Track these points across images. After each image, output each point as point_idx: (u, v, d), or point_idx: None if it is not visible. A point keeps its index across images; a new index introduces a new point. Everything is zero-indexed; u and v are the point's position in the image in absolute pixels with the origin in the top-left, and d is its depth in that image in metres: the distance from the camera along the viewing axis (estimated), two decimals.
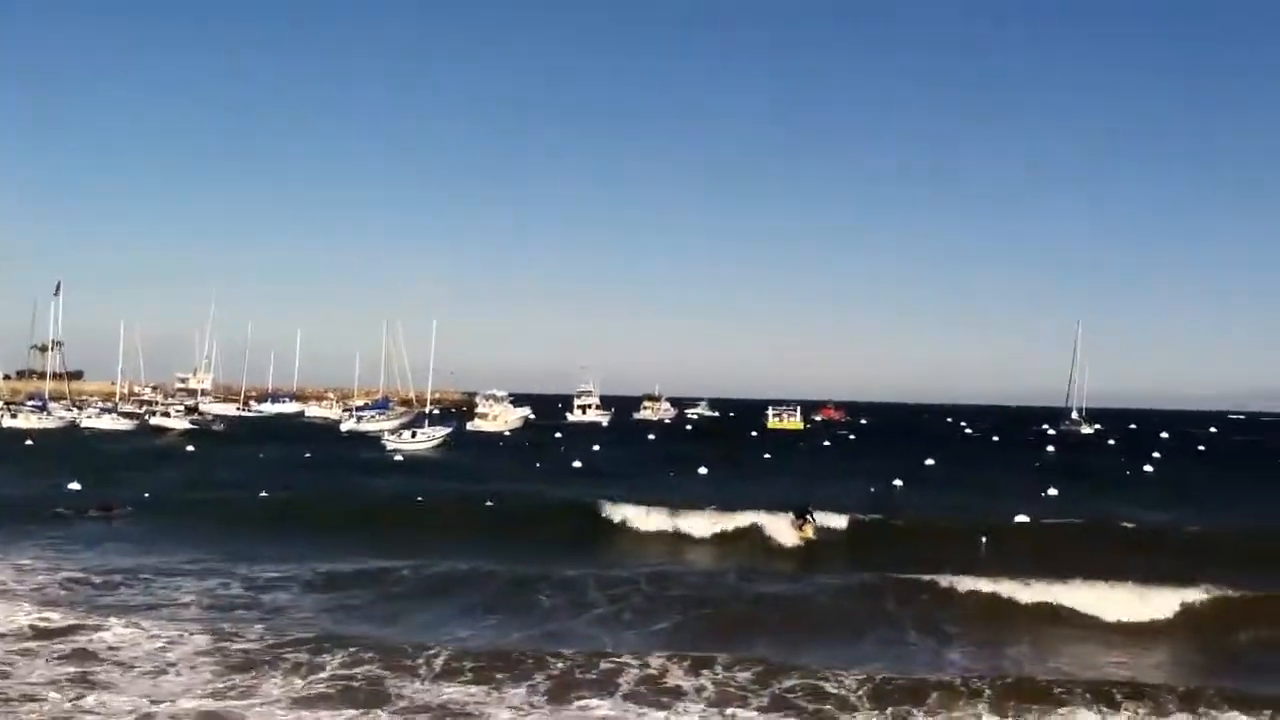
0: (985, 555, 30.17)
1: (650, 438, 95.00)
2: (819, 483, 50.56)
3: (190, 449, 67.71)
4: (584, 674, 16.90)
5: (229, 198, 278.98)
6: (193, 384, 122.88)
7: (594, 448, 74.02)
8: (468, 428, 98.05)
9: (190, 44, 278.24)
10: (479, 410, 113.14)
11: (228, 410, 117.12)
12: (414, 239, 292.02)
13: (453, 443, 79.21)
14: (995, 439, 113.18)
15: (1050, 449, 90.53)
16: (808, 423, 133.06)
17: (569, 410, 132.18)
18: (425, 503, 38.96)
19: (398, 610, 22.23)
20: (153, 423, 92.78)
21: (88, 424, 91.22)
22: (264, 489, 39.99)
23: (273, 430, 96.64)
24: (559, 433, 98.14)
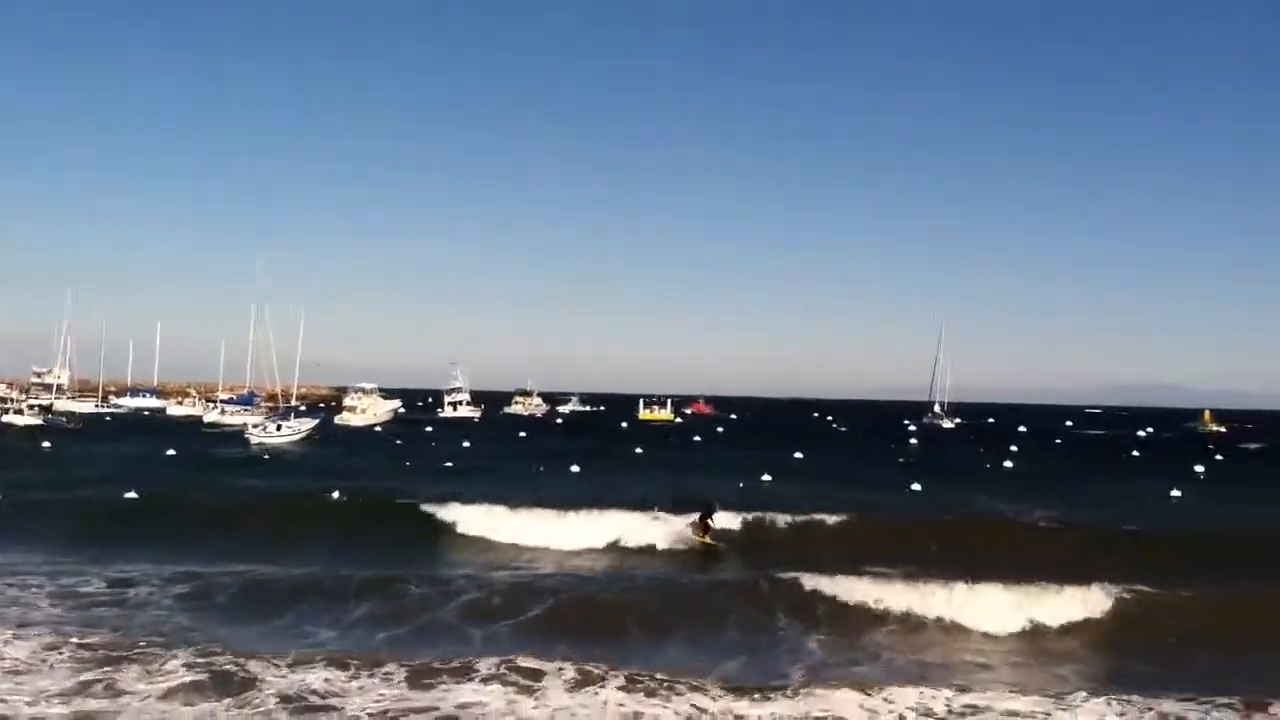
0: (850, 551, 30.42)
1: (522, 434, 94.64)
2: (690, 476, 51.10)
3: (46, 445, 65.33)
4: (443, 665, 17.09)
5: (90, 192, 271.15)
6: (49, 379, 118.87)
7: (465, 444, 73.44)
8: (335, 421, 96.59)
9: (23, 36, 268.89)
10: (347, 403, 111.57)
11: (85, 407, 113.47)
12: (284, 230, 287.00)
13: (318, 436, 77.93)
14: (862, 433, 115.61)
15: (914, 443, 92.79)
16: (678, 416, 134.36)
17: (440, 406, 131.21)
18: (287, 500, 38.03)
19: (253, 610, 21.96)
20: (3, 420, 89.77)
21: None
22: (122, 487, 38.70)
23: (133, 426, 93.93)
24: (430, 427, 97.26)
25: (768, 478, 50.49)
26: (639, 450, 74.64)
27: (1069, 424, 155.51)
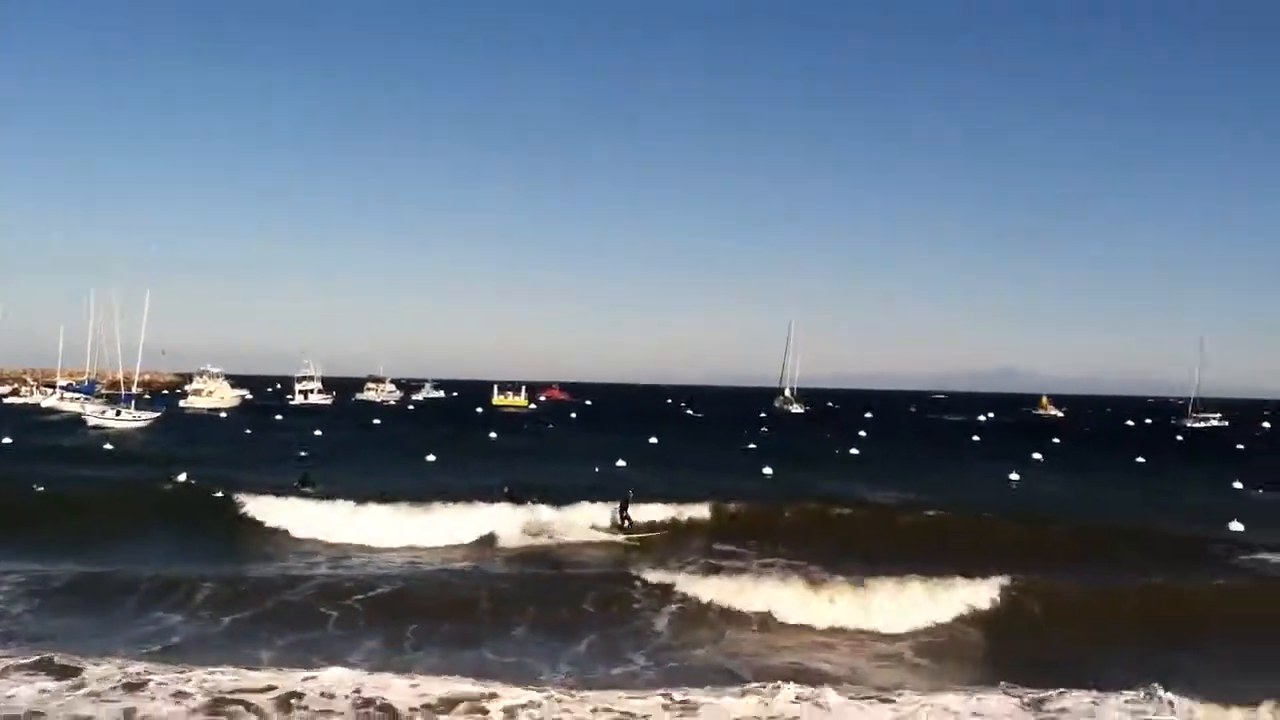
0: (704, 542, 30.97)
1: (376, 421, 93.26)
2: (545, 463, 51.17)
3: None
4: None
5: None
6: None
7: (316, 432, 71.89)
8: (181, 405, 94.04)
9: None
10: (193, 387, 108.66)
11: None
12: (129, 208, 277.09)
13: (160, 425, 75.57)
14: (715, 418, 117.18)
15: (765, 430, 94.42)
16: (533, 402, 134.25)
17: (289, 393, 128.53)
18: (118, 492, 36.19)
19: (64, 610, 21.36)
20: None
21: None
22: None
23: None
24: (280, 415, 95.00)
25: (623, 463, 50.83)
26: (493, 435, 74.47)
27: (913, 409, 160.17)
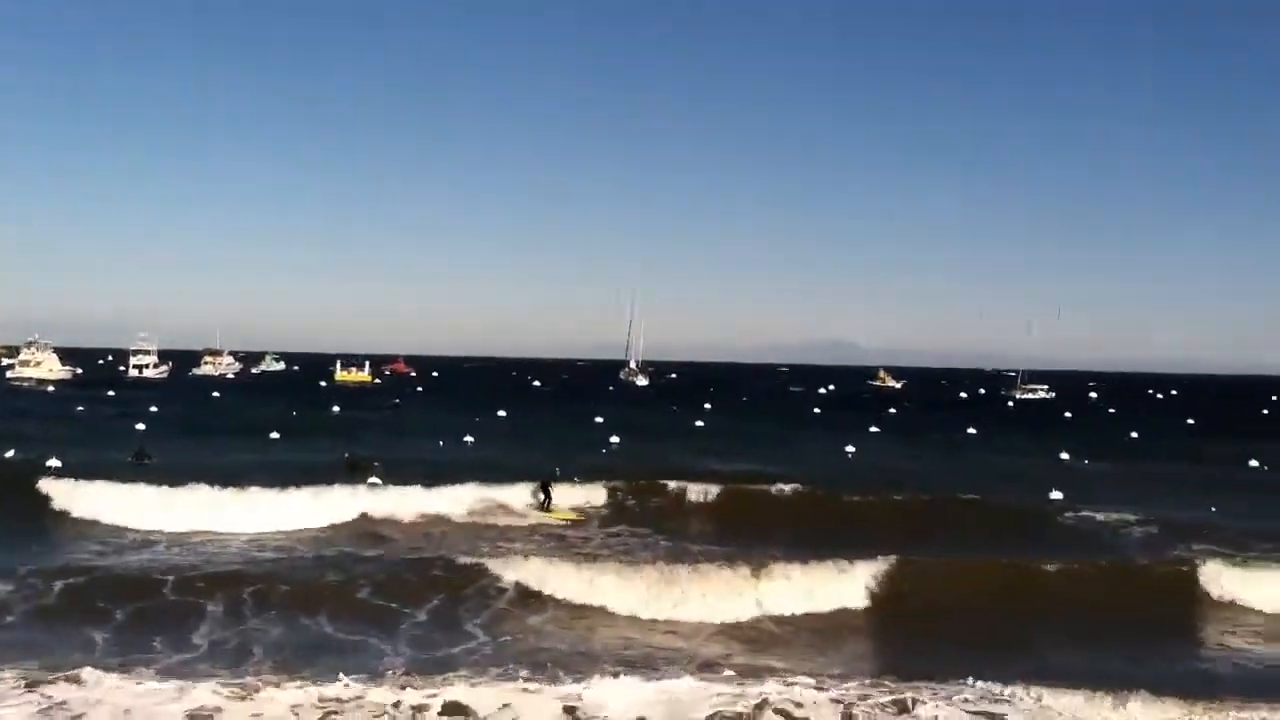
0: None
1: (215, 394, 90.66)
2: (394, 439, 50.76)
3: None
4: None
5: None
6: None
7: (152, 409, 69.16)
8: (8, 376, 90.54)
9: None
10: (21, 358, 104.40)
11: None
12: None
13: None
14: (562, 392, 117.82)
15: (611, 403, 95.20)
16: (377, 377, 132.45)
17: (123, 366, 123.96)
18: None
19: None
20: None
21: None
22: None
23: None
24: (112, 390, 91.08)
25: (470, 439, 50.80)
26: (337, 409, 73.47)
27: (756, 380, 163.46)
